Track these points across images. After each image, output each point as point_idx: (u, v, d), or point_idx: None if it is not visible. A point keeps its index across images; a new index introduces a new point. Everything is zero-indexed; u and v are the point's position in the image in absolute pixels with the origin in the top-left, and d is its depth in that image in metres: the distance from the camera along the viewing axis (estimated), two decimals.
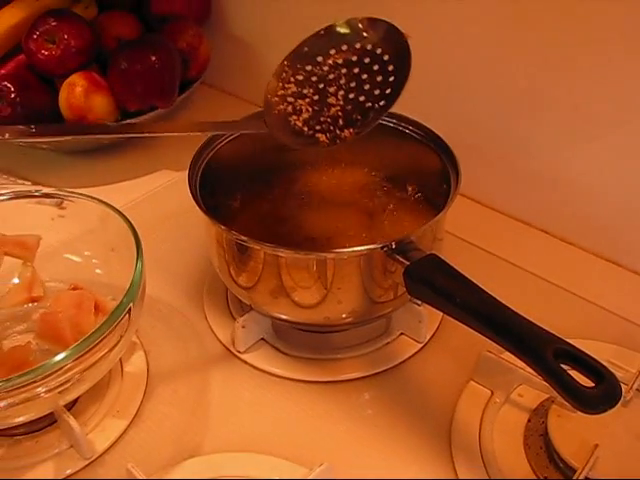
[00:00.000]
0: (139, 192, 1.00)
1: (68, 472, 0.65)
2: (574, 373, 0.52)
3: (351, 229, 0.75)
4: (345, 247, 0.69)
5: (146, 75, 0.99)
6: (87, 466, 0.65)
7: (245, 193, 0.81)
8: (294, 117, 0.69)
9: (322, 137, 0.68)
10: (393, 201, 0.80)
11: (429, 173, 0.76)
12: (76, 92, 0.97)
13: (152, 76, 0.99)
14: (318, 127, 0.69)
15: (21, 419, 0.61)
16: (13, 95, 0.96)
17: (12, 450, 0.66)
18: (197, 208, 0.68)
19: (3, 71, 1.01)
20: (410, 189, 0.80)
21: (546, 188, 0.89)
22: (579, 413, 0.52)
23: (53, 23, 0.98)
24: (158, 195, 1.00)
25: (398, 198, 0.80)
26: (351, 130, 0.68)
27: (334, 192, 0.81)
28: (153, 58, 0.99)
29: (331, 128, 0.68)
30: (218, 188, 0.76)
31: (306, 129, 0.69)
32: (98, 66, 1.03)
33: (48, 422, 0.67)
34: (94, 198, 0.73)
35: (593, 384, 0.51)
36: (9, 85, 0.96)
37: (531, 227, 0.92)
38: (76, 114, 0.98)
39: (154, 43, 1.01)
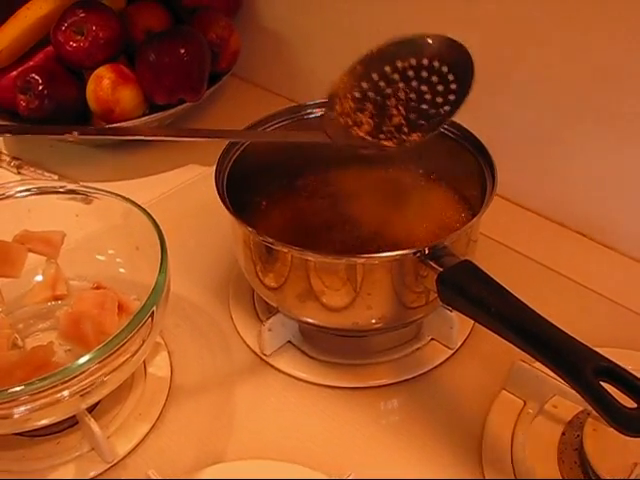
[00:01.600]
0: (166, 187, 0.98)
1: (92, 474, 0.64)
2: (613, 390, 0.50)
3: (383, 230, 0.73)
4: (376, 251, 0.67)
5: (175, 68, 0.97)
6: (108, 469, 0.64)
7: (274, 191, 0.79)
8: (355, 129, 0.67)
9: (388, 143, 0.66)
10: (426, 200, 0.77)
11: (463, 172, 0.74)
12: (103, 85, 0.96)
13: (181, 69, 0.97)
14: (382, 136, 0.67)
15: (43, 422, 0.60)
16: (41, 87, 0.94)
17: (33, 451, 0.65)
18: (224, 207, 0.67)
19: (31, 63, 1.00)
20: (444, 187, 0.78)
21: (582, 188, 0.86)
22: None
23: (82, 14, 0.97)
24: (185, 190, 0.98)
25: (431, 197, 0.78)
26: (418, 134, 0.66)
27: (366, 191, 0.79)
28: (182, 50, 0.97)
29: (396, 135, 0.67)
30: (246, 185, 0.75)
31: (369, 138, 0.67)
32: (126, 58, 1.02)
33: (69, 423, 0.66)
34: (118, 195, 0.72)
35: (635, 404, 0.49)
36: (37, 77, 0.95)
37: (565, 228, 0.89)
38: (103, 107, 0.97)
39: (183, 35, 1.00)
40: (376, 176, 0.81)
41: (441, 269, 0.60)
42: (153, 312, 0.60)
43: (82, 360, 0.56)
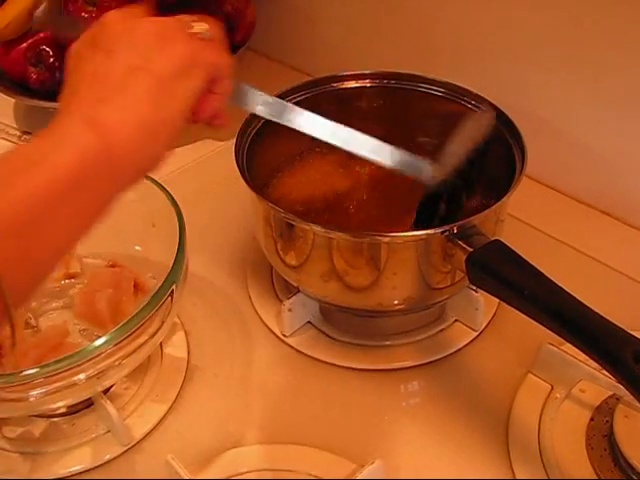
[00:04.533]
0: (181, 162, 0.96)
1: (108, 457, 0.62)
2: None
3: (407, 207, 0.71)
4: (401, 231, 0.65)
5: None
6: (125, 452, 0.63)
7: (295, 166, 0.77)
8: None
9: None
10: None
11: (491, 150, 0.71)
12: None
13: None
14: None
15: (58, 404, 0.59)
16: (52, 60, 0.92)
17: (49, 433, 0.64)
18: (244, 182, 0.64)
19: (42, 34, 0.98)
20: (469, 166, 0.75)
21: (607, 168, 0.84)
22: None
23: None
24: (200, 166, 0.96)
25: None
26: None
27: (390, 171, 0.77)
28: None
29: None
30: (266, 160, 0.72)
31: None
32: None
33: (85, 404, 0.65)
34: None
35: None
36: (48, 49, 0.93)
37: (593, 209, 0.87)
38: None
39: (198, 5, 0.96)
40: None
41: (470, 249, 0.58)
42: (172, 291, 0.58)
43: (99, 342, 0.54)
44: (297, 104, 0.74)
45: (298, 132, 0.61)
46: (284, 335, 0.71)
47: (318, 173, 0.76)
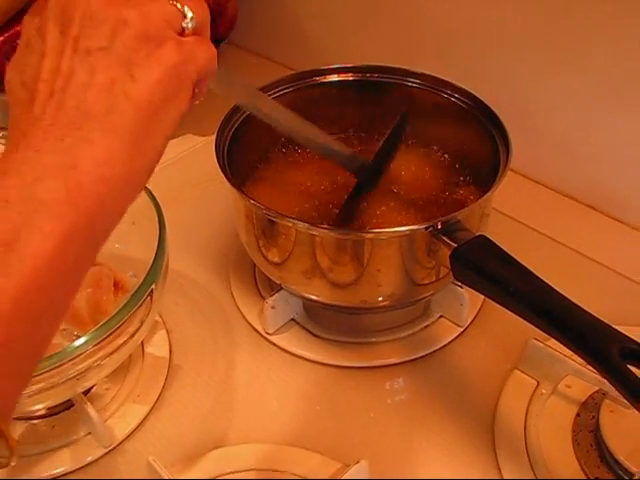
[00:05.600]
0: (161, 158, 0.94)
1: (89, 459, 0.61)
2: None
3: (390, 205, 0.70)
4: (385, 226, 0.64)
5: None
6: (107, 454, 0.62)
7: (277, 162, 0.76)
8: None
9: None
10: (436, 174, 0.74)
11: (474, 143, 0.71)
12: None
13: None
14: None
15: (37, 407, 0.58)
16: None
17: (29, 435, 0.63)
18: (225, 179, 0.63)
19: (18, 28, 0.96)
20: (454, 159, 0.75)
21: (592, 162, 0.83)
22: (635, 410, 0.47)
23: None
24: (182, 162, 0.95)
25: (441, 170, 0.75)
26: None
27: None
28: None
29: None
30: (247, 156, 0.71)
31: None
32: None
33: (65, 406, 0.64)
34: None
35: None
36: None
37: (577, 202, 0.86)
38: None
39: None
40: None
41: (455, 244, 0.57)
42: (152, 290, 0.57)
43: (78, 343, 0.53)
44: (279, 98, 0.74)
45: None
46: (267, 333, 0.70)
47: (300, 168, 0.75)
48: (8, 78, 0.41)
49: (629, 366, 0.47)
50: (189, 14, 0.42)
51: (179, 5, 0.41)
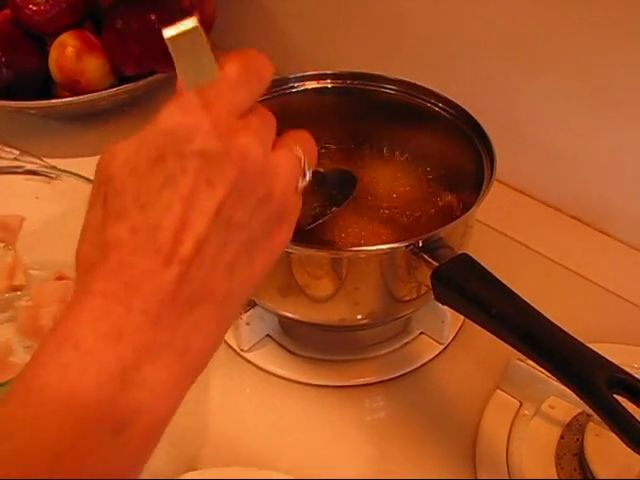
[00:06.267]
0: None
1: None
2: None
3: (367, 219, 0.68)
4: (364, 244, 0.62)
5: (145, 36, 0.91)
6: None
7: None
8: None
9: None
10: (416, 186, 0.72)
11: (456, 154, 0.70)
12: (67, 53, 0.90)
13: (151, 37, 0.91)
14: None
15: None
16: None
17: None
18: None
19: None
20: (435, 170, 0.73)
21: (577, 173, 0.81)
22: None
23: None
24: None
25: (422, 181, 0.73)
26: None
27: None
28: (152, 17, 0.91)
29: None
30: None
31: None
32: (92, 24, 0.95)
33: None
34: (82, 176, 0.67)
35: None
36: None
37: (562, 214, 0.84)
38: (67, 77, 0.90)
39: (154, 0, 0.93)
40: (361, 159, 0.75)
41: (436, 263, 0.55)
42: None
43: None
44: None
45: None
46: (242, 350, 0.68)
47: None
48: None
49: (616, 396, 0.46)
50: (308, 173, 0.37)
51: (305, 165, 0.37)
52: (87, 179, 0.66)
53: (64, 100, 0.91)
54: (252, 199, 0.34)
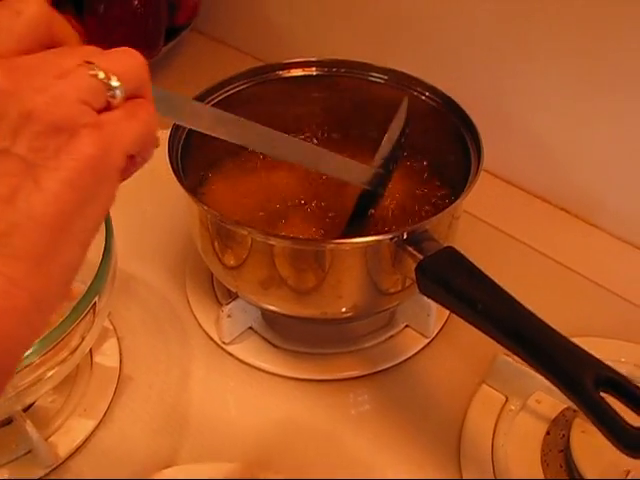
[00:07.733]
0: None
1: None
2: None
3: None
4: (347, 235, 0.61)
5: (127, 21, 0.91)
6: (49, 474, 0.58)
7: (234, 164, 0.72)
8: None
9: None
10: (403, 176, 0.71)
11: (443, 144, 0.69)
12: None
13: (134, 22, 0.90)
14: None
15: None
16: None
17: None
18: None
19: None
20: (421, 160, 0.72)
21: (565, 164, 0.81)
22: None
23: None
24: None
25: (408, 172, 0.71)
26: None
27: None
28: (135, 2, 0.90)
29: None
30: (202, 158, 0.67)
31: None
32: (73, 8, 0.93)
33: (4, 421, 0.60)
34: None
35: None
36: None
37: (549, 204, 0.83)
38: None
39: None
40: (349, 147, 0.74)
41: (421, 256, 0.54)
42: (95, 303, 0.53)
43: None
44: (240, 92, 0.70)
45: None
46: (224, 342, 0.67)
47: (262, 169, 0.71)
48: None
49: (604, 394, 0.45)
50: (114, 83, 0.34)
51: (101, 74, 0.34)
52: None
53: None
54: (4, 123, 0.31)
